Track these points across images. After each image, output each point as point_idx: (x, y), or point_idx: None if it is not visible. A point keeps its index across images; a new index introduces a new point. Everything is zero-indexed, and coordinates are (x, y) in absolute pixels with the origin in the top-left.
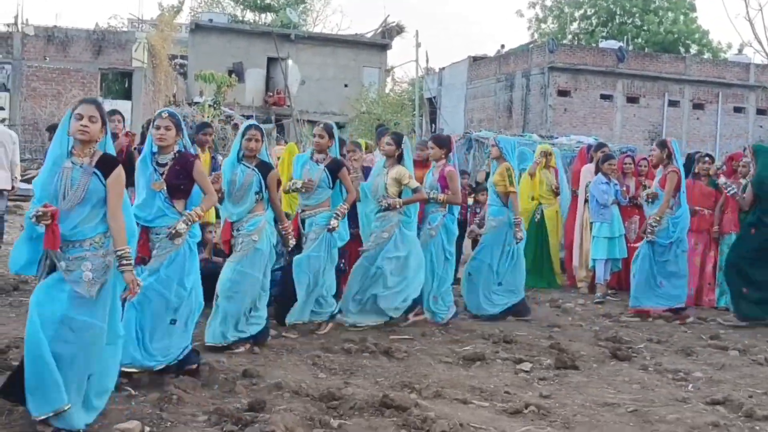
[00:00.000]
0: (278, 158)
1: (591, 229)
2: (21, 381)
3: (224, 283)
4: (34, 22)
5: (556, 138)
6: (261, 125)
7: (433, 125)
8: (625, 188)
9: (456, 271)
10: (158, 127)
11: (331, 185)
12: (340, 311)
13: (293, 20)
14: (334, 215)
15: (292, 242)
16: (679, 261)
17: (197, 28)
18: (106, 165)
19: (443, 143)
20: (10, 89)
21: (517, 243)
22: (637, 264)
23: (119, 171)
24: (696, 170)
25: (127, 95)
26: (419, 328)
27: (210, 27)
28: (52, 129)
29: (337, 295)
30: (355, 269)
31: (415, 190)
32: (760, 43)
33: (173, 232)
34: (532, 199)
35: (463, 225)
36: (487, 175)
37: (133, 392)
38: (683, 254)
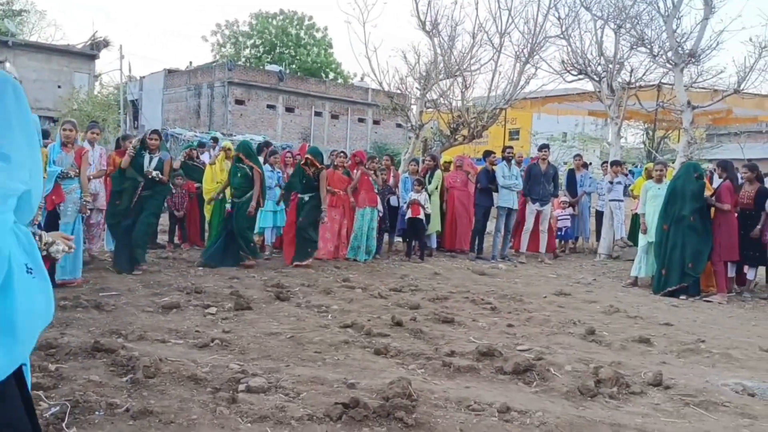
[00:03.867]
0: None
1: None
2: None
3: None
4: None
5: (235, 136)
6: None
7: (136, 122)
8: (285, 175)
9: None
10: None
11: None
12: None
13: (11, 29)
14: None
15: None
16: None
17: None
18: None
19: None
20: None
21: None
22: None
23: None
24: (336, 163)
25: None
26: (125, 284)
27: None
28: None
29: None
30: None
31: None
32: (374, 73)
33: None
34: (217, 182)
35: None
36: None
37: None
38: None
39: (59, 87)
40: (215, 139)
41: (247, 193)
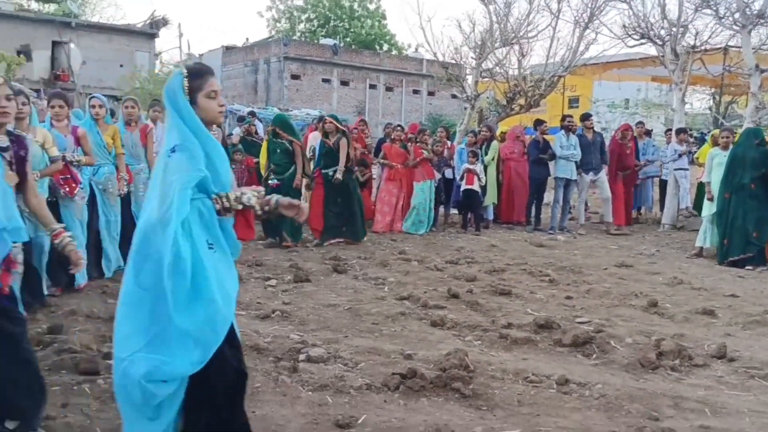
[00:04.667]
0: None
1: None
2: None
3: None
4: None
5: (291, 111)
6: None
7: None
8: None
9: None
10: None
11: None
12: None
13: (74, 11)
14: None
15: None
16: None
17: None
18: None
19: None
20: None
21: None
22: None
23: None
24: (393, 137)
25: None
26: None
27: None
28: None
29: None
30: None
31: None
32: (429, 44)
33: None
34: None
35: None
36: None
37: None
38: None
39: (121, 66)
40: (253, 113)
41: (290, 169)
